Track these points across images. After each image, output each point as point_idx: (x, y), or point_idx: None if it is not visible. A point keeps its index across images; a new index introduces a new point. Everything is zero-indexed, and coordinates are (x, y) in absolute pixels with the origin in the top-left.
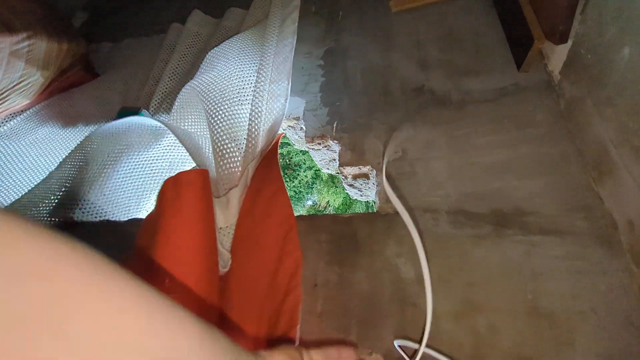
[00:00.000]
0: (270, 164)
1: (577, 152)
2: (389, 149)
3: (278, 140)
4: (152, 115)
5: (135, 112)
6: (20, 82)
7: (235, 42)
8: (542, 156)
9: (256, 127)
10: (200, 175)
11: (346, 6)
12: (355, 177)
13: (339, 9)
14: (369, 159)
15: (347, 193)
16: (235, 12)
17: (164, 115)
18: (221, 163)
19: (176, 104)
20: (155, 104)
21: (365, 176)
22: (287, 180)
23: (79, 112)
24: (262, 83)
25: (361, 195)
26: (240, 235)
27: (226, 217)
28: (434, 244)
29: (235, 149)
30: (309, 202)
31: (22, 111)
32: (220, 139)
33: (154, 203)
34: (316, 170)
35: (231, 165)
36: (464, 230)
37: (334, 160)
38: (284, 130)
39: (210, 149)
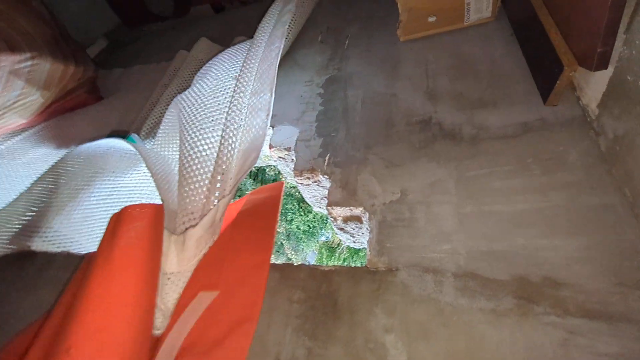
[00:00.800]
0: (266, 222)
1: (628, 204)
2: (387, 187)
3: (280, 192)
4: (142, 139)
5: (124, 135)
6: (17, 101)
7: (224, 54)
8: (580, 208)
9: (230, 147)
10: (150, 210)
11: (354, 35)
12: (346, 219)
13: (346, 37)
14: (361, 199)
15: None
16: (241, 39)
17: (153, 140)
18: (185, 189)
19: (161, 126)
20: (147, 128)
21: (358, 220)
22: (302, 214)
23: (76, 133)
24: (240, 94)
25: (354, 242)
26: (192, 294)
27: (180, 260)
28: (434, 318)
29: (201, 171)
30: (323, 238)
31: (21, 131)
32: (186, 160)
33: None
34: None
35: (194, 192)
36: (477, 301)
37: (325, 198)
38: (274, 161)
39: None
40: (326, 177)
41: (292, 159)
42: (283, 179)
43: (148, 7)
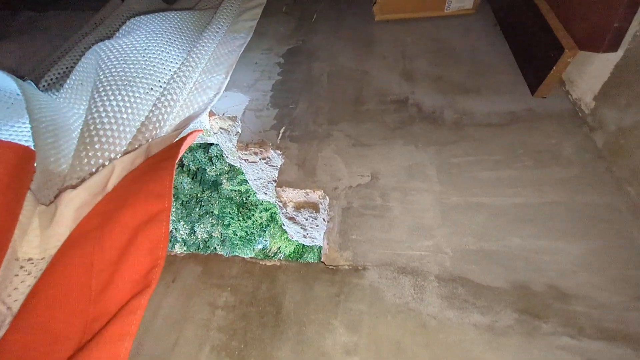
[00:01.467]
0: (161, 170)
1: (632, 205)
2: (354, 168)
3: (185, 140)
4: (42, 91)
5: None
6: None
7: (168, 15)
8: (579, 207)
9: (160, 117)
10: (19, 154)
11: (323, 10)
12: (298, 206)
13: (314, 12)
14: (321, 181)
15: (300, 243)
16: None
17: (57, 93)
18: (83, 152)
19: (72, 76)
20: (51, 79)
21: (314, 207)
22: (240, 219)
23: None
24: (188, 69)
25: (304, 236)
26: (60, 283)
27: (44, 240)
28: (414, 336)
29: (115, 136)
30: (259, 246)
31: None
32: (98, 120)
33: None
34: (273, 212)
35: (98, 154)
36: (469, 315)
37: (274, 181)
38: (214, 133)
39: (78, 133)
40: (279, 152)
41: (237, 132)
42: (226, 157)
43: None
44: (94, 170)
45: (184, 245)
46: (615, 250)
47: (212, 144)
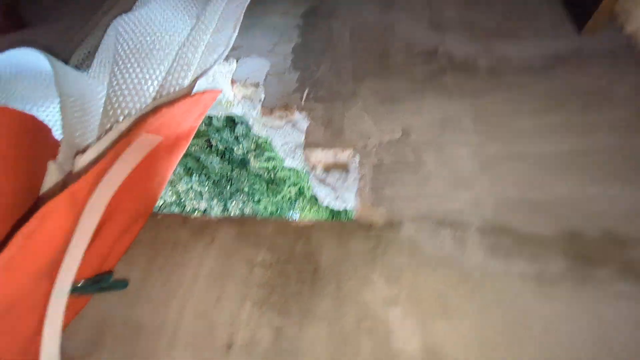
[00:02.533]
0: (179, 133)
1: None
2: (383, 125)
3: (202, 96)
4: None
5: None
6: None
7: None
8: (635, 151)
9: (174, 83)
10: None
11: None
12: (328, 167)
13: None
14: (350, 140)
15: (331, 213)
16: None
17: (85, 71)
18: (108, 125)
19: (97, 54)
20: (78, 59)
21: (343, 167)
22: (269, 194)
23: None
24: (199, 33)
25: (336, 198)
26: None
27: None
28: (457, 286)
29: (137, 107)
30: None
31: None
32: (119, 92)
33: None
34: (301, 187)
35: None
36: (514, 264)
37: (301, 146)
38: (238, 102)
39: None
40: (304, 114)
41: (260, 99)
42: (250, 127)
43: None
44: (108, 135)
45: None
46: None
47: (237, 124)
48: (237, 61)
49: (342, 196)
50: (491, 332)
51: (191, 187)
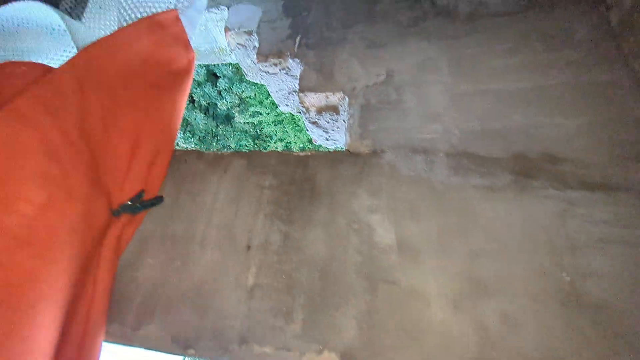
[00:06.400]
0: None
1: (636, 79)
2: (370, 69)
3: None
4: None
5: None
6: None
7: None
8: (584, 86)
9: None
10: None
11: None
12: (320, 110)
13: None
14: (340, 83)
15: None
16: None
17: (74, 21)
18: None
19: (89, 2)
20: (67, 4)
21: (334, 110)
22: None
23: None
24: None
25: (327, 139)
26: None
27: None
28: (424, 196)
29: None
30: None
31: None
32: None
33: None
34: (287, 142)
35: None
36: (471, 179)
37: (295, 92)
38: (232, 50)
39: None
40: (297, 60)
41: (255, 46)
42: (242, 72)
43: None
44: None
45: None
46: (609, 120)
47: (219, 77)
48: (228, 9)
49: (333, 136)
50: (448, 227)
51: (177, 145)
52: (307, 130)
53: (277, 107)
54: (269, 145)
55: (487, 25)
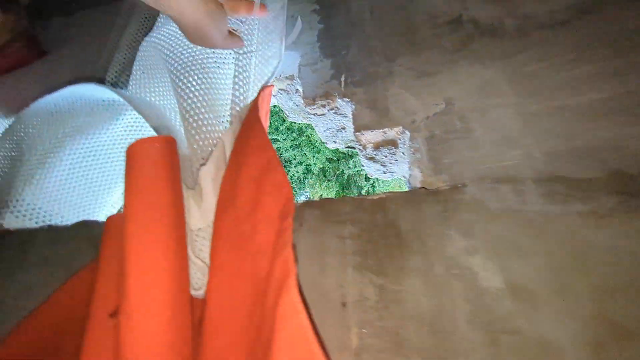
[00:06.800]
0: (254, 127)
1: None
2: (426, 99)
3: (264, 96)
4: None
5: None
6: None
7: None
8: None
9: (242, 96)
10: (163, 144)
11: None
12: (377, 145)
13: None
14: (397, 118)
15: (340, 185)
16: None
17: (122, 90)
18: (196, 137)
19: (135, 69)
20: (112, 77)
21: (392, 144)
22: None
23: (24, 97)
24: (247, 44)
25: (384, 172)
26: (220, 237)
27: (203, 213)
28: (523, 230)
29: (214, 120)
30: (303, 198)
31: None
32: (192, 107)
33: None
34: (307, 165)
35: (207, 137)
36: (570, 205)
37: (343, 129)
38: (274, 95)
39: (181, 123)
40: (346, 99)
41: (297, 89)
42: (285, 116)
43: None
44: (210, 149)
45: None
46: None
47: None
48: None
49: (390, 169)
50: (561, 263)
51: None
52: (363, 166)
53: (292, 132)
54: (289, 170)
55: (540, 38)
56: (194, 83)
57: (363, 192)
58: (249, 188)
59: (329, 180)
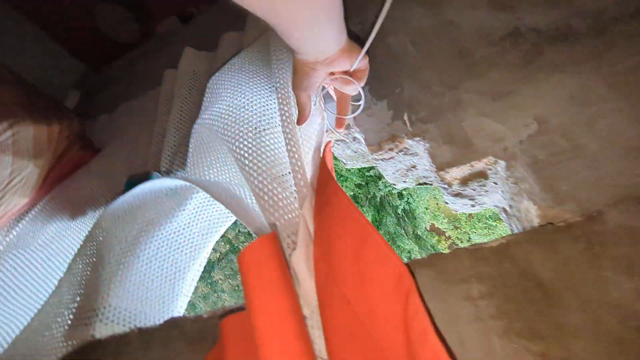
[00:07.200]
0: (331, 195)
1: None
2: (511, 122)
3: (327, 155)
4: (165, 175)
5: (145, 178)
6: (12, 180)
7: (236, 64)
8: None
9: (299, 162)
10: (270, 241)
11: None
12: (465, 181)
13: None
14: (483, 148)
15: (374, 208)
16: (231, 36)
17: (180, 172)
18: (275, 215)
19: (190, 151)
20: (166, 162)
21: (481, 175)
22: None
23: (86, 196)
24: (286, 106)
25: (472, 205)
26: (332, 327)
27: (304, 298)
28: None
29: (287, 193)
30: None
31: (26, 212)
32: (263, 183)
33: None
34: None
35: (285, 212)
36: None
37: (414, 167)
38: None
39: (251, 196)
40: (417, 139)
41: (355, 137)
42: (343, 164)
43: (111, 37)
44: (293, 227)
45: None
46: None
47: None
48: None
49: (480, 201)
50: None
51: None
52: (447, 203)
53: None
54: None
55: (623, 33)
56: (260, 159)
57: (399, 210)
58: (348, 265)
59: (362, 206)
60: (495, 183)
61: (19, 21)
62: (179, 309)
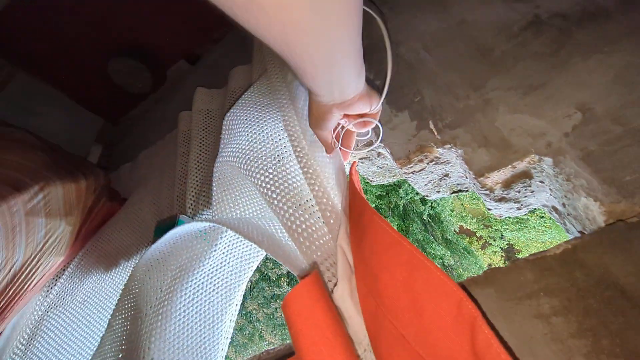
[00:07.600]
0: (368, 222)
1: None
2: (550, 115)
3: (354, 178)
4: (192, 217)
5: (172, 223)
6: (47, 241)
7: (249, 98)
8: None
9: (322, 190)
10: (314, 281)
11: None
12: (507, 184)
13: None
14: (523, 146)
15: (399, 217)
16: (238, 70)
17: (206, 212)
18: (312, 247)
19: (214, 189)
20: (191, 203)
21: (525, 175)
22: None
23: (117, 247)
24: (295, 141)
25: (518, 208)
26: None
27: (355, 337)
28: None
29: (319, 224)
30: None
31: (62, 270)
32: (284, 209)
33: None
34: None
35: (320, 244)
36: None
37: (446, 176)
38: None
39: (282, 229)
40: (448, 146)
41: (379, 152)
42: (368, 181)
43: (126, 90)
44: (331, 260)
45: None
46: None
47: None
48: None
49: (526, 202)
50: None
51: None
52: (489, 209)
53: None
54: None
55: None
56: (282, 187)
57: (424, 216)
58: (399, 298)
59: (385, 217)
60: (542, 182)
61: (38, 84)
62: (221, 353)
